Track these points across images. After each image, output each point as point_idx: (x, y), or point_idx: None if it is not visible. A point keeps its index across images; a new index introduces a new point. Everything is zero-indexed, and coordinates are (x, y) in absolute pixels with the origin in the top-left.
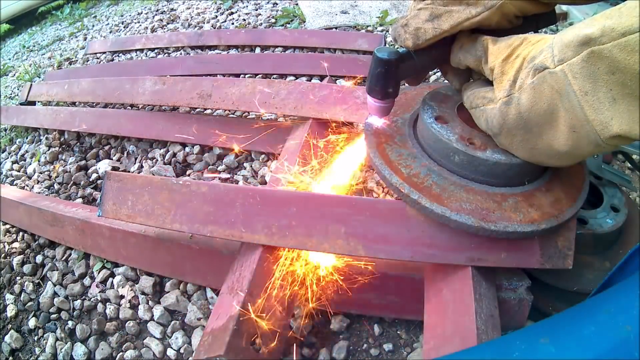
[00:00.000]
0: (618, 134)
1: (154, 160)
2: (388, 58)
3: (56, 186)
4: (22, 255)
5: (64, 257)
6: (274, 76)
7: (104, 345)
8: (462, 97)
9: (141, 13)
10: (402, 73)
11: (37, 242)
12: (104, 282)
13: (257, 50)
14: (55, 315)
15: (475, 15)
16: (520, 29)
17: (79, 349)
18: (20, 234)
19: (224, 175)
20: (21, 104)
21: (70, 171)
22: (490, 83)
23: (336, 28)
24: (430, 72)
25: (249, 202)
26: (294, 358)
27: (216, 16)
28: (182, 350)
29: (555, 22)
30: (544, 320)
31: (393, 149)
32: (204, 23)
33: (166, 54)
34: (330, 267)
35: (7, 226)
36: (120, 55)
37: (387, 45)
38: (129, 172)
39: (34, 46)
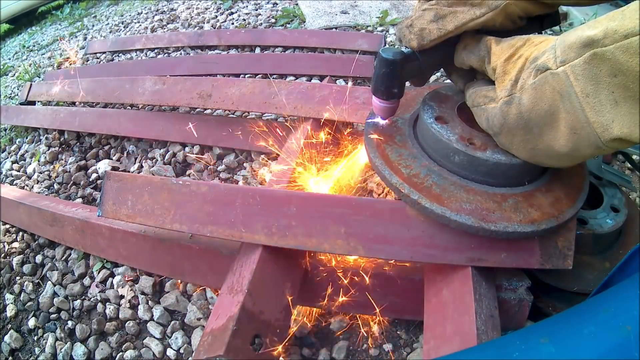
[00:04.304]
0: (619, 137)
1: (154, 160)
2: (393, 58)
3: (56, 186)
4: (21, 255)
5: (64, 257)
6: (274, 76)
7: (104, 345)
8: (464, 96)
9: (141, 13)
10: (406, 73)
11: (36, 242)
12: (103, 282)
13: (257, 50)
14: (55, 315)
15: (479, 16)
16: (523, 30)
17: (79, 349)
18: (20, 233)
19: (224, 175)
20: (21, 103)
21: (70, 171)
22: (492, 83)
23: (336, 28)
24: None
25: (249, 202)
26: (294, 358)
27: (216, 16)
28: (182, 350)
29: (559, 23)
30: (544, 320)
31: (393, 149)
32: (204, 23)
33: (166, 54)
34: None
35: (7, 226)
36: (120, 55)
37: (387, 46)
38: (129, 172)
39: (34, 46)
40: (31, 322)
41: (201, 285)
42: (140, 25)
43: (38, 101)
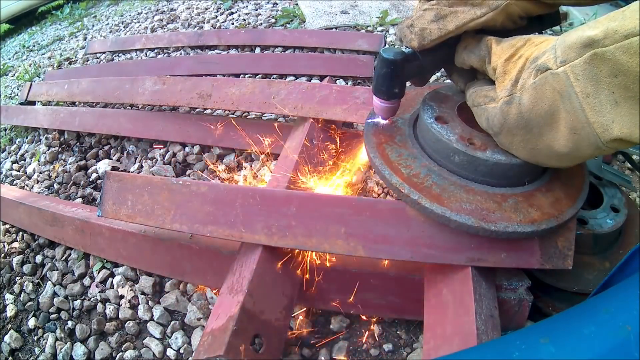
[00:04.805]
0: (619, 137)
1: (154, 160)
2: (394, 58)
3: (56, 186)
4: (21, 255)
5: (64, 257)
6: (274, 76)
7: (104, 345)
8: (465, 96)
9: (141, 13)
10: (407, 73)
11: (36, 242)
12: (103, 282)
13: (257, 50)
14: (55, 315)
15: (480, 16)
16: (524, 29)
17: (79, 349)
18: (20, 233)
19: (224, 175)
20: (21, 103)
21: (70, 171)
22: (493, 83)
23: (336, 28)
24: None
25: (249, 202)
26: (294, 358)
27: (216, 16)
28: (182, 350)
29: (559, 23)
30: (544, 320)
31: (393, 149)
32: (204, 23)
33: (166, 54)
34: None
35: (7, 226)
36: (120, 55)
37: (387, 46)
38: (129, 172)
39: (34, 46)
40: (31, 322)
41: (201, 285)
42: (140, 25)
43: (38, 101)
